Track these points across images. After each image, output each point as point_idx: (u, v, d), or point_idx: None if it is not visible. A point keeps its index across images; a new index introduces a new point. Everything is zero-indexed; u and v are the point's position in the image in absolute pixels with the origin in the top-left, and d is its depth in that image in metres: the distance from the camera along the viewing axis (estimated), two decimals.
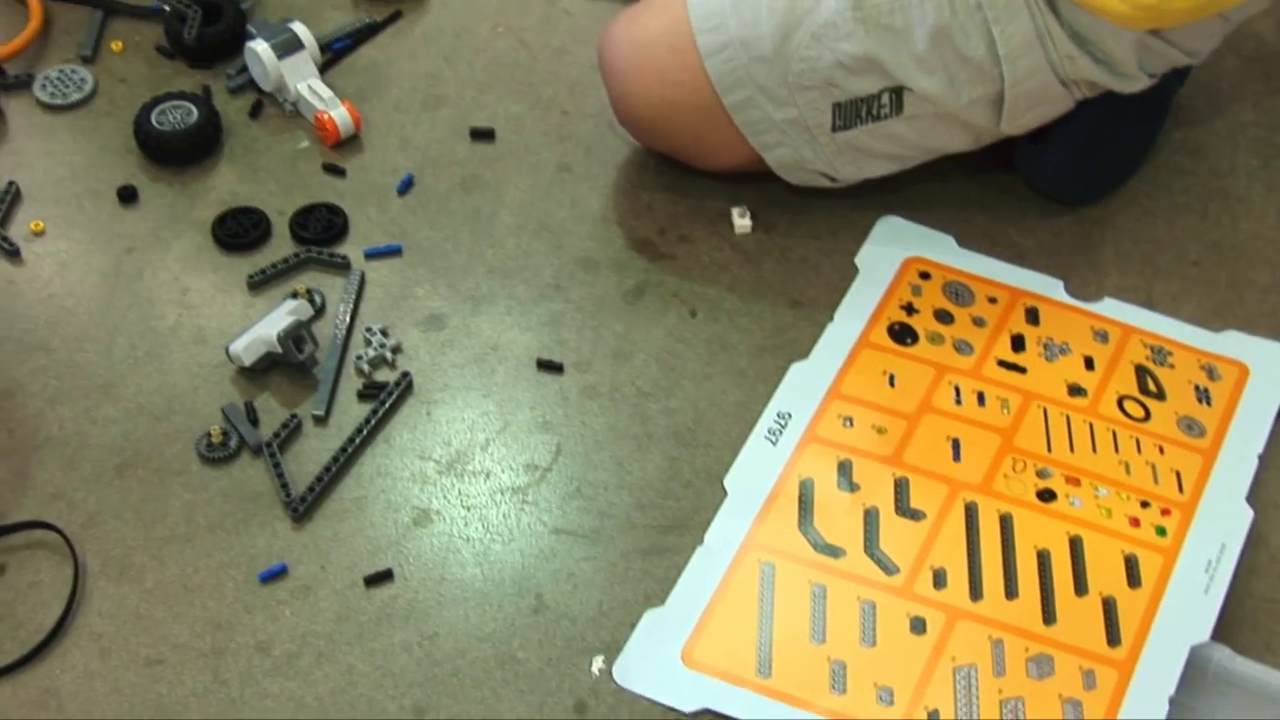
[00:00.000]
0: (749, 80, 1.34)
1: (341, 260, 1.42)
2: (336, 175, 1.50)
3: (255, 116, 1.55)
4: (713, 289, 1.40)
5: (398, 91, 1.58)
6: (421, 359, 1.35)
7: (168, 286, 1.41)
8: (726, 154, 1.41)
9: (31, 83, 1.57)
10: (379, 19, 1.64)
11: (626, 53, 1.39)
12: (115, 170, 1.50)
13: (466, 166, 1.51)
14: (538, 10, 1.66)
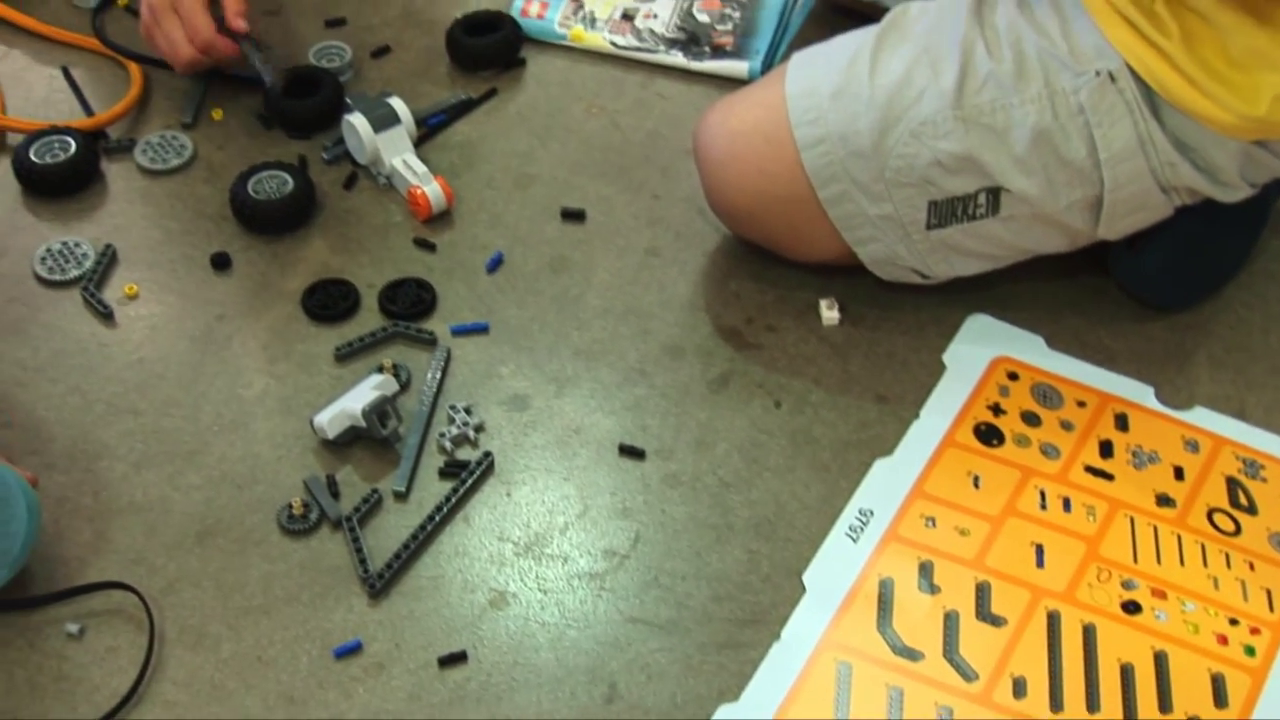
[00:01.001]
0: (845, 174, 1.34)
1: (428, 336, 1.42)
2: (427, 250, 1.51)
3: (349, 188, 1.57)
4: (798, 381, 1.39)
5: (490, 169, 1.59)
6: (504, 438, 1.35)
7: (256, 355, 1.41)
8: (818, 246, 1.40)
9: (133, 147, 1.59)
10: (475, 96, 1.66)
11: (722, 142, 1.40)
12: (210, 237, 1.52)
13: (556, 246, 1.51)
14: (632, 93, 1.67)
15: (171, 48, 1.57)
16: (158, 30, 1.57)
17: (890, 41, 1.35)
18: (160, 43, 1.58)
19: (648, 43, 1.69)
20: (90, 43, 1.70)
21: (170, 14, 1.56)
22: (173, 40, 1.57)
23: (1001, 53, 1.30)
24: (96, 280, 1.47)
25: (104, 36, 1.70)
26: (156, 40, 1.58)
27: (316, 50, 1.69)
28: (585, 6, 1.73)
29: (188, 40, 1.56)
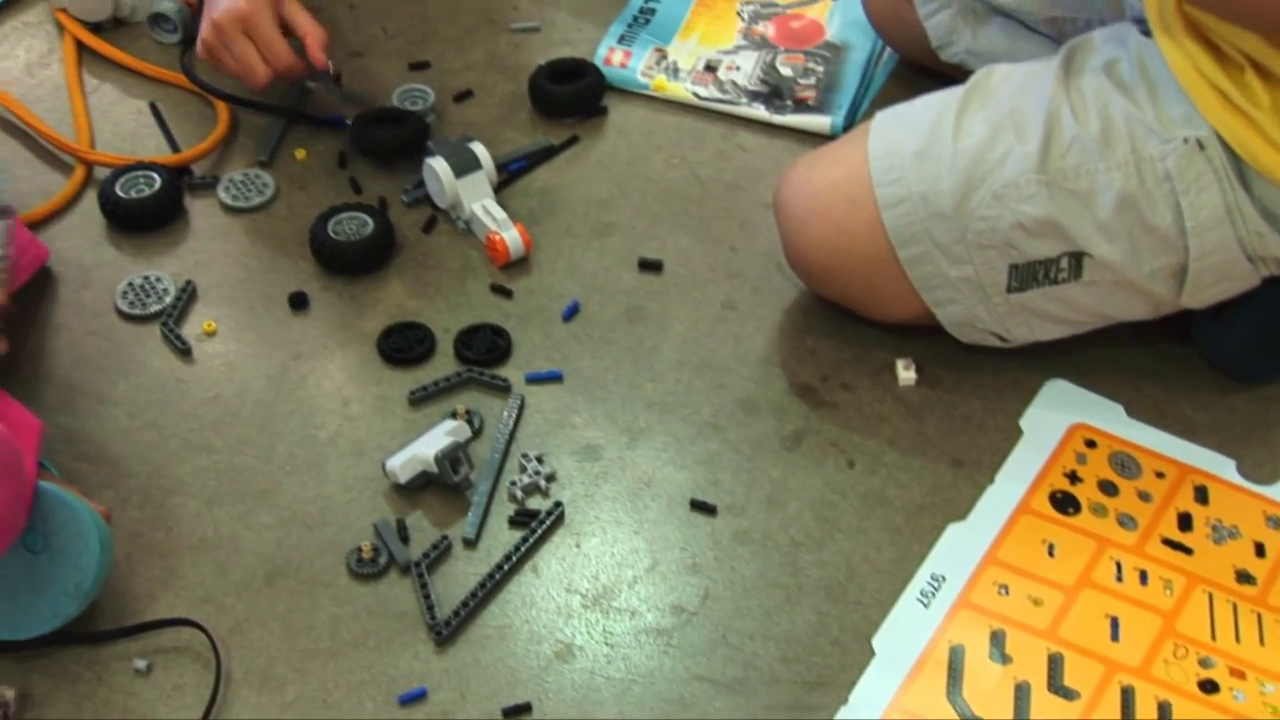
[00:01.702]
0: (926, 235, 1.33)
1: (503, 383, 1.42)
2: (503, 296, 1.51)
3: (428, 231, 1.57)
4: (873, 441, 1.38)
5: (569, 217, 1.59)
6: (575, 488, 1.35)
7: (330, 396, 1.42)
8: (897, 306, 1.39)
9: (216, 184, 1.61)
10: (556, 143, 1.66)
11: (803, 199, 1.39)
12: (289, 276, 1.53)
13: (632, 297, 1.51)
14: (713, 144, 1.67)
15: (246, 69, 1.56)
16: (226, 52, 1.56)
17: (975, 103, 1.34)
18: (230, 64, 1.57)
19: (730, 94, 1.69)
20: (178, 79, 1.72)
21: (241, 36, 1.55)
22: (246, 61, 1.56)
23: (1088, 117, 1.29)
24: (176, 316, 1.48)
25: (192, 73, 1.71)
26: (224, 61, 1.57)
27: (400, 93, 1.70)
28: (669, 56, 1.73)
29: (263, 61, 1.56)
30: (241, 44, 1.56)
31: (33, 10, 1.81)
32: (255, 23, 1.55)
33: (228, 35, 1.55)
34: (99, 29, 1.77)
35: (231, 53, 1.56)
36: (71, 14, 1.76)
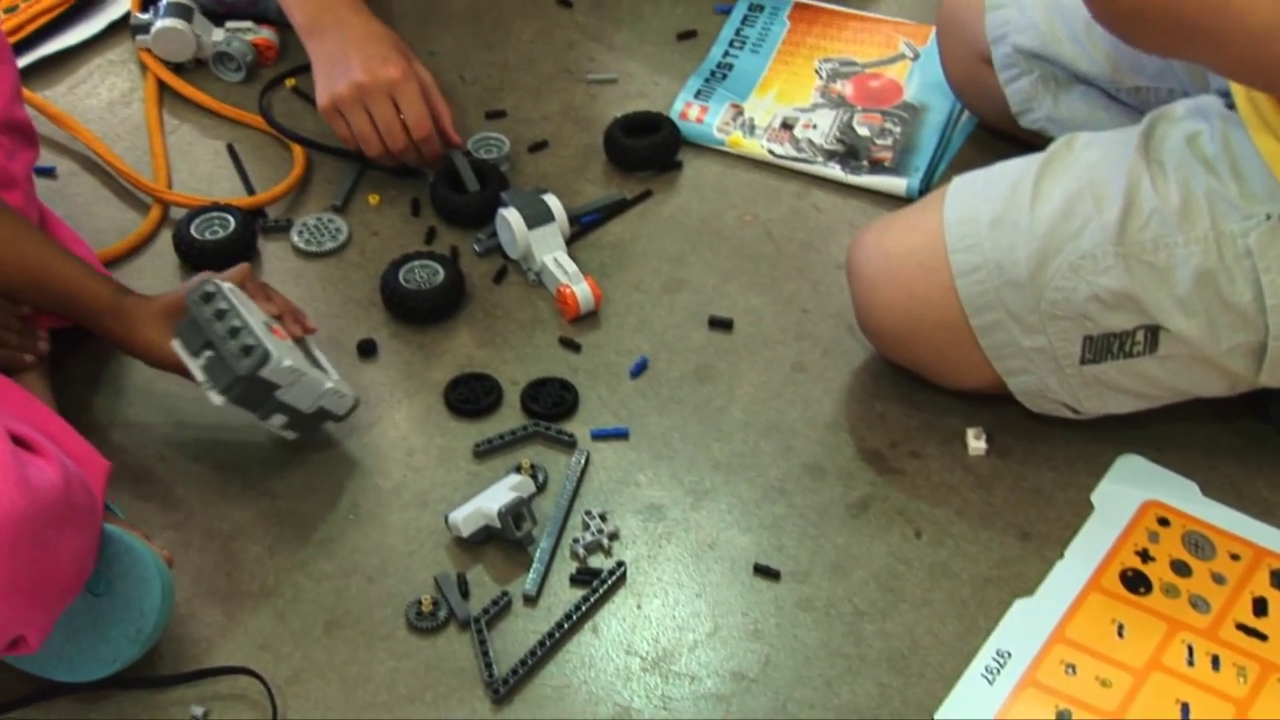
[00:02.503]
0: (999, 304, 1.31)
1: (568, 438, 1.42)
2: (572, 350, 1.50)
3: (499, 282, 1.57)
4: (940, 510, 1.36)
5: (640, 271, 1.58)
6: (637, 548, 1.34)
7: (395, 445, 1.42)
8: (968, 374, 1.38)
9: (290, 228, 1.62)
10: (629, 196, 1.66)
11: (877, 263, 1.38)
12: (359, 322, 1.53)
13: (702, 355, 1.50)
14: (787, 203, 1.66)
15: (388, 131, 1.56)
16: (360, 114, 1.55)
17: (1053, 171, 1.33)
18: (360, 126, 1.56)
19: (806, 153, 1.68)
20: (256, 120, 1.73)
21: (386, 100, 1.55)
22: (388, 125, 1.56)
23: (1168, 190, 1.27)
24: None
25: (269, 116, 1.73)
26: (354, 121, 1.56)
27: (476, 141, 1.70)
28: (745, 113, 1.73)
29: (397, 128, 1.56)
30: (385, 108, 1.56)
31: (117, 48, 1.83)
32: (404, 91, 1.56)
33: (372, 98, 1.55)
34: (180, 69, 1.79)
35: (374, 114, 1.55)
36: (155, 54, 1.78)
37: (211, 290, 1.30)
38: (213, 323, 1.29)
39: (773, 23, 1.85)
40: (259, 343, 1.28)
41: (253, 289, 1.36)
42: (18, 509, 1.05)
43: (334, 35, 1.57)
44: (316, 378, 1.34)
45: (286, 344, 1.33)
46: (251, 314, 1.31)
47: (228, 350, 1.28)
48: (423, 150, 1.60)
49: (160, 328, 1.34)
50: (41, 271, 1.34)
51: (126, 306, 1.35)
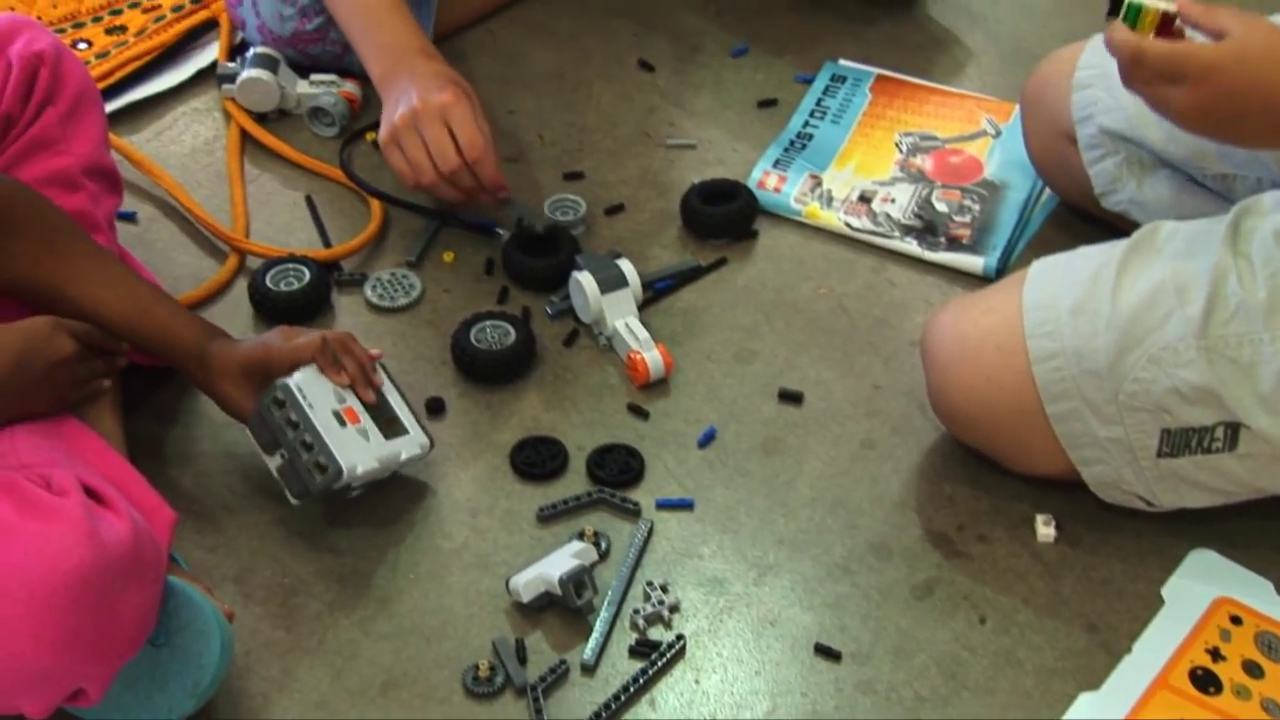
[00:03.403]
0: (1076, 392, 1.29)
1: (633, 506, 1.41)
2: (640, 418, 1.50)
3: (569, 345, 1.57)
4: (1006, 597, 1.34)
5: (712, 340, 1.58)
6: (698, 621, 1.32)
7: (459, 506, 1.41)
8: (1040, 460, 1.36)
9: (364, 282, 1.62)
10: (704, 264, 1.65)
11: (952, 345, 1.36)
12: (428, 379, 1.53)
13: (770, 428, 1.49)
14: (863, 276, 1.65)
15: (439, 153, 1.54)
16: (414, 138, 1.54)
17: (1137, 260, 1.31)
18: (413, 152, 1.55)
19: (883, 227, 1.67)
20: (335, 173, 1.74)
21: (438, 122, 1.53)
22: (440, 146, 1.54)
23: (1255, 284, 1.25)
24: None
25: (349, 169, 1.74)
26: (408, 147, 1.55)
27: (552, 202, 1.70)
28: (823, 184, 1.72)
29: (449, 149, 1.54)
30: (436, 129, 1.54)
31: (203, 96, 1.85)
32: (456, 113, 1.54)
33: (424, 121, 1.54)
34: (263, 119, 1.80)
35: (426, 136, 1.54)
36: (240, 103, 1.79)
37: (282, 398, 1.30)
38: (285, 431, 1.30)
39: (854, 94, 1.84)
40: (332, 460, 1.29)
41: (324, 362, 1.36)
42: (86, 563, 1.05)
43: (404, 80, 1.58)
44: (391, 456, 1.36)
45: (359, 430, 1.34)
46: (323, 411, 1.31)
47: (301, 464, 1.30)
48: (478, 174, 1.57)
49: (237, 385, 1.35)
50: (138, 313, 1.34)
51: (209, 355, 1.35)
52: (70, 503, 1.12)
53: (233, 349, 1.36)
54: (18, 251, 1.32)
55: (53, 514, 1.10)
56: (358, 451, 1.33)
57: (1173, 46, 1.20)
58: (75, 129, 1.45)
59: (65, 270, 1.34)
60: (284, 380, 1.32)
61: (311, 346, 1.36)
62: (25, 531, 1.08)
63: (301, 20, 1.77)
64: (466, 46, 1.91)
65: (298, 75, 1.80)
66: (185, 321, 1.37)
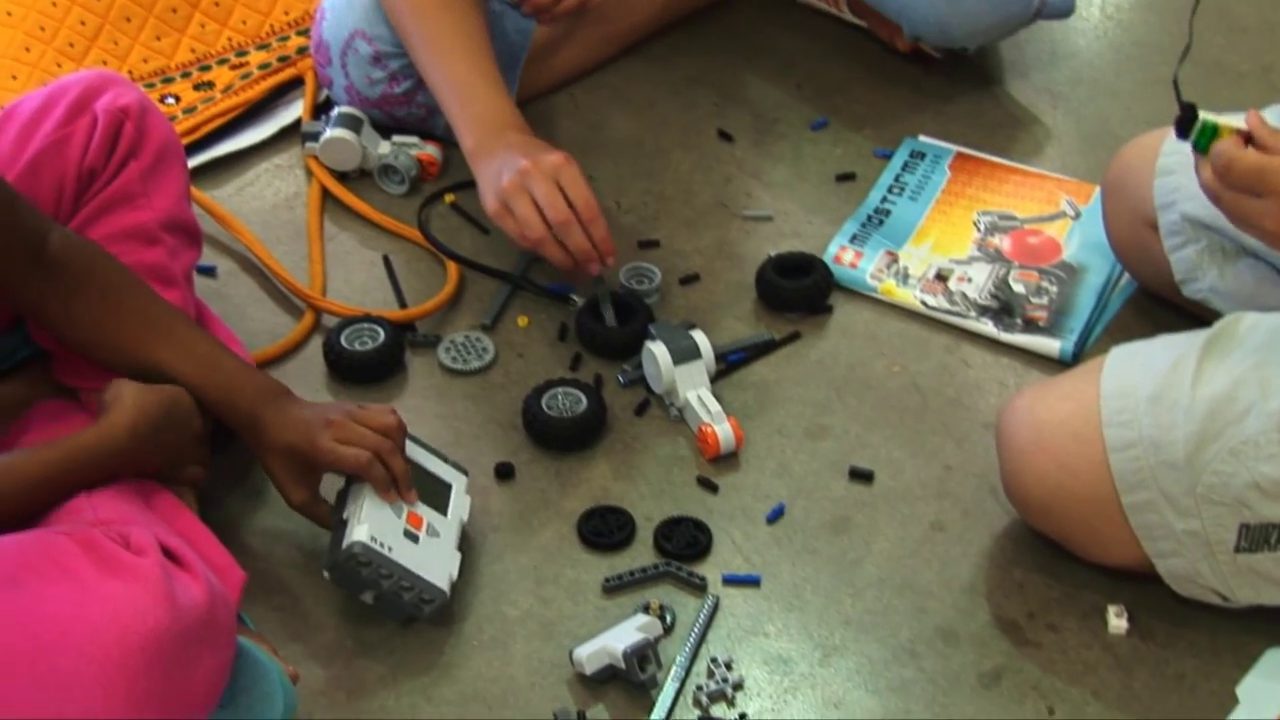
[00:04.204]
0: (1153, 483, 1.28)
1: (699, 581, 1.40)
2: (709, 490, 1.49)
3: (640, 415, 1.56)
4: (1076, 689, 1.32)
5: (783, 415, 1.57)
6: (762, 700, 1.31)
7: (525, 574, 1.41)
8: (1114, 550, 1.34)
9: (438, 343, 1.63)
10: (777, 337, 1.65)
11: (1027, 430, 1.35)
12: (498, 444, 1.53)
13: (840, 506, 1.48)
14: (937, 356, 1.63)
15: (550, 207, 1.53)
16: (524, 198, 1.53)
17: (1218, 351, 1.30)
18: (525, 209, 1.53)
19: (959, 306, 1.66)
20: (413, 234, 1.76)
21: (549, 180, 1.53)
22: (550, 201, 1.53)
23: None
24: None
25: (427, 230, 1.75)
26: (518, 205, 1.54)
27: (627, 270, 1.70)
28: (900, 261, 1.71)
29: (561, 205, 1.53)
30: (548, 187, 1.53)
31: (286, 153, 1.87)
32: (568, 172, 1.54)
33: (536, 180, 1.53)
34: (344, 178, 1.82)
35: (537, 194, 1.53)
36: (322, 161, 1.81)
37: (364, 558, 1.30)
38: (378, 584, 1.31)
39: (933, 171, 1.83)
40: (432, 589, 1.32)
41: (377, 484, 1.34)
42: (162, 626, 1.05)
43: (501, 151, 1.58)
44: (460, 526, 1.39)
45: (429, 532, 1.35)
46: (398, 542, 1.32)
47: (405, 603, 1.32)
48: (592, 233, 1.56)
49: (281, 465, 1.35)
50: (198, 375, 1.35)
51: (261, 424, 1.35)
52: (148, 563, 1.12)
53: (281, 426, 1.35)
54: (80, 311, 1.34)
55: (131, 573, 1.10)
56: (442, 559, 1.34)
57: (1262, 157, 1.19)
58: (156, 184, 1.47)
59: (126, 330, 1.35)
60: (359, 540, 1.30)
61: (357, 463, 1.33)
62: (103, 590, 1.09)
63: (390, 84, 1.79)
64: (548, 110, 1.92)
65: (380, 136, 1.81)
66: (243, 383, 1.37)
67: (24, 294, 1.34)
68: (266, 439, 1.35)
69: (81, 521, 1.22)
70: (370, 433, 1.35)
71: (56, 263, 1.33)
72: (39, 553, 1.16)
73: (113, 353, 1.35)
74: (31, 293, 1.33)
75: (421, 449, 1.42)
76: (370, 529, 1.31)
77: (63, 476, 1.24)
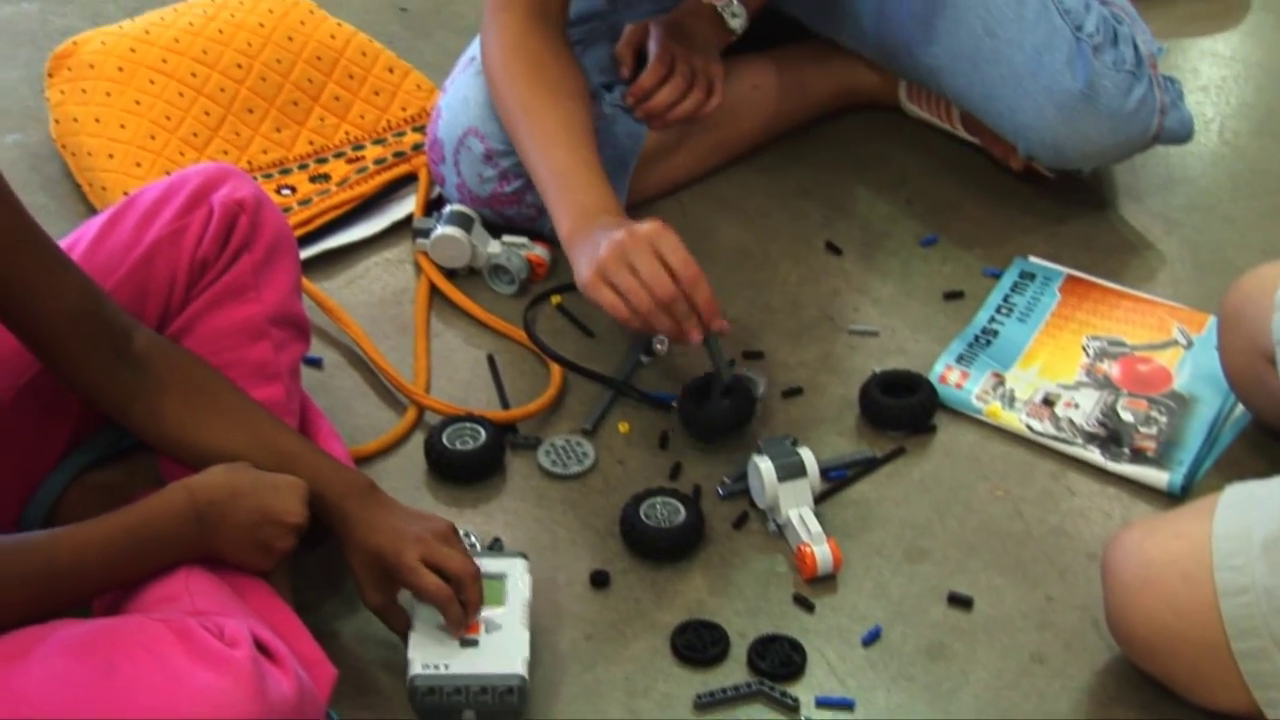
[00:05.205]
0: (1265, 630, 1.25)
1: (792, 702, 1.38)
2: (805, 610, 1.47)
3: (739, 528, 1.55)
4: None
5: (883, 535, 1.55)
6: None
7: (616, 685, 1.40)
8: (1221, 694, 1.31)
9: (538, 446, 1.63)
10: (880, 454, 1.63)
11: (1134, 567, 1.33)
12: (594, 551, 1.52)
13: (937, 631, 1.46)
14: (1041, 482, 1.61)
15: (650, 278, 1.50)
16: (625, 270, 1.51)
17: None
18: (626, 282, 1.51)
19: (1065, 433, 1.64)
20: (517, 333, 1.76)
21: (648, 252, 1.51)
22: (651, 271, 1.50)
23: None
24: None
25: (532, 331, 1.75)
26: (619, 279, 1.51)
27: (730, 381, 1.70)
28: (1006, 383, 1.69)
29: (664, 277, 1.51)
30: (649, 259, 1.51)
31: (396, 248, 1.89)
32: (666, 239, 1.52)
33: (635, 251, 1.51)
34: (453, 275, 1.83)
35: (638, 266, 1.51)
36: (432, 258, 1.82)
37: (432, 686, 1.32)
38: (458, 705, 1.32)
39: (1043, 293, 1.82)
40: (509, 681, 1.32)
41: (450, 617, 1.35)
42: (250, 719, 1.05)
43: (596, 233, 1.58)
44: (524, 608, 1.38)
45: (491, 629, 1.36)
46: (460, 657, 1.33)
47: (491, 707, 1.33)
48: (694, 297, 1.53)
49: (366, 567, 1.36)
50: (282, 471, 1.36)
51: (347, 520, 1.36)
52: (241, 655, 1.13)
53: (370, 528, 1.35)
54: (166, 411, 1.35)
55: (223, 665, 1.11)
56: (510, 646, 1.34)
57: None
58: (267, 277, 1.48)
59: (209, 430, 1.35)
60: (411, 674, 1.33)
61: (438, 594, 1.34)
62: (195, 681, 1.10)
63: (501, 183, 1.80)
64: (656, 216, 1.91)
65: (490, 235, 1.83)
66: (329, 478, 1.37)
67: (111, 391, 1.34)
68: (354, 537, 1.36)
69: (179, 610, 1.22)
70: (458, 556, 1.35)
71: (142, 360, 1.34)
72: (135, 638, 1.17)
73: (196, 453, 1.35)
74: (118, 391, 1.34)
75: (475, 548, 1.43)
76: (421, 658, 1.33)
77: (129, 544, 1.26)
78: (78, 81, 1.93)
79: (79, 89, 1.92)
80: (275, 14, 2.02)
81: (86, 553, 1.25)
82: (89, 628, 1.19)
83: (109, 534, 1.26)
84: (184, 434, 1.36)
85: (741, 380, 1.64)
